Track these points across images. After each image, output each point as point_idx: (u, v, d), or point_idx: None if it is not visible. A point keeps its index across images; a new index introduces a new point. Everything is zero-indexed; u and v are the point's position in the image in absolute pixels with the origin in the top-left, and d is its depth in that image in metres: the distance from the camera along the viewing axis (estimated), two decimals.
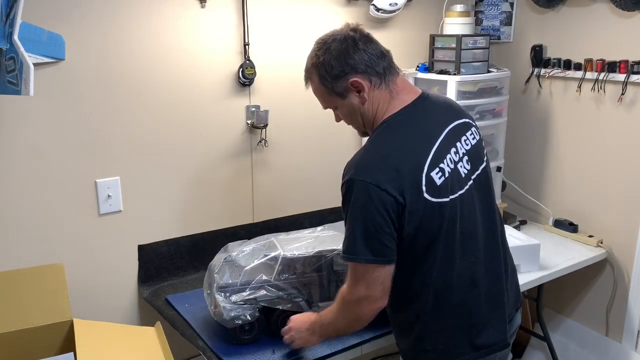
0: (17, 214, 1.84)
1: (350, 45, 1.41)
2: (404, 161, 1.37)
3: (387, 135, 1.42)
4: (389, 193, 1.32)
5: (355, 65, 1.41)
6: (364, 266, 1.38)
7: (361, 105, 1.45)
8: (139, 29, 1.94)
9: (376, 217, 1.33)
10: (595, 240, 2.41)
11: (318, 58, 1.44)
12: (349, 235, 1.37)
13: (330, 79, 1.43)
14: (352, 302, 1.43)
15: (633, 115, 2.24)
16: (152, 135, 2.04)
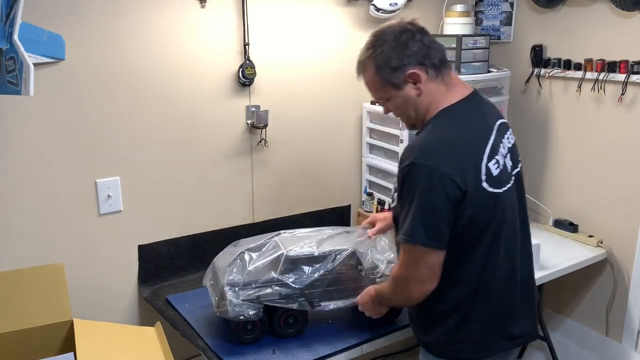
0: (17, 213, 1.84)
1: (408, 37, 1.43)
2: (465, 149, 1.40)
3: (448, 123, 1.45)
4: (452, 179, 1.35)
5: (413, 57, 1.43)
6: (417, 249, 1.39)
7: (416, 97, 1.46)
8: (139, 29, 1.94)
9: (436, 201, 1.35)
10: (595, 240, 2.40)
11: (375, 49, 1.45)
12: (408, 217, 1.38)
13: (388, 70, 1.44)
14: (401, 281, 1.46)
15: (633, 115, 2.24)
16: (152, 135, 2.04)
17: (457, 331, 1.50)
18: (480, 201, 1.39)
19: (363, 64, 1.50)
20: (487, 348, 1.51)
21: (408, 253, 1.42)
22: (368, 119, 2.48)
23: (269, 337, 1.71)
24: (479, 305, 1.48)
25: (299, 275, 1.67)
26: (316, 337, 1.73)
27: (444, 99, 1.46)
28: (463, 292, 1.47)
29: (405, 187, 1.39)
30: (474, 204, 1.38)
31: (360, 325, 1.80)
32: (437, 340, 1.54)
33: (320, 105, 2.41)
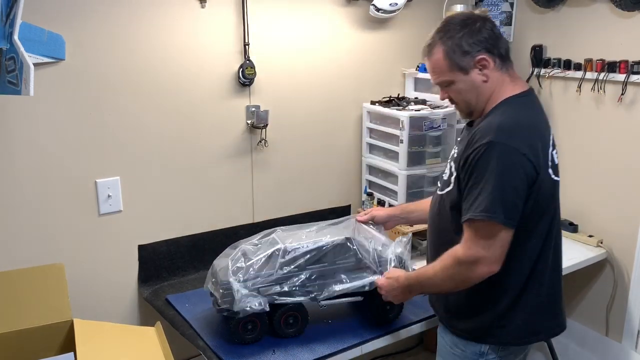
0: (17, 213, 1.84)
1: (480, 24, 1.48)
2: (537, 133, 1.47)
3: (518, 109, 1.49)
4: (529, 158, 1.40)
5: (483, 44, 1.47)
6: (495, 227, 1.40)
7: (481, 83, 1.50)
8: (139, 29, 1.94)
9: (516, 180, 1.39)
10: (595, 240, 2.40)
11: (447, 32, 1.49)
12: (484, 194, 1.39)
13: (458, 54, 1.47)
14: (468, 262, 1.45)
15: (633, 115, 2.24)
16: (152, 135, 2.04)
17: (503, 317, 1.53)
18: (545, 186, 1.45)
19: (432, 46, 1.52)
20: (529, 335, 1.57)
21: (483, 231, 1.42)
22: (368, 119, 2.48)
23: (269, 337, 1.71)
24: (529, 291, 1.52)
25: (298, 267, 1.67)
26: (316, 337, 1.73)
27: (507, 89, 1.51)
28: (517, 277, 1.51)
29: (480, 165, 1.41)
30: (541, 188, 1.44)
31: (360, 325, 1.80)
32: (480, 327, 1.56)
33: (320, 105, 2.41)
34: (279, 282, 1.65)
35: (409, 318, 1.84)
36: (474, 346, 1.58)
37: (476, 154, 1.42)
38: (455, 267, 1.48)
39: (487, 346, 1.56)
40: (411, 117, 2.25)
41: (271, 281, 1.64)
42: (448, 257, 1.50)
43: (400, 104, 2.39)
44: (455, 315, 1.62)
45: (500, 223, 1.40)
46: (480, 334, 1.57)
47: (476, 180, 1.42)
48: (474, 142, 1.44)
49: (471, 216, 1.42)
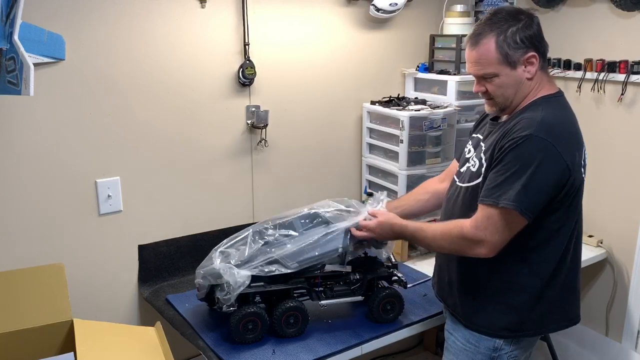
0: (17, 213, 1.84)
1: (531, 20, 1.49)
2: (576, 133, 1.50)
3: (558, 107, 1.52)
4: (565, 160, 1.41)
5: (534, 40, 1.48)
6: (514, 216, 1.42)
7: (525, 80, 1.51)
8: (139, 29, 1.94)
9: (546, 176, 1.41)
10: (595, 240, 2.41)
11: (499, 23, 1.47)
12: (514, 184, 1.41)
13: (512, 47, 1.46)
14: (472, 241, 1.47)
15: (633, 115, 2.24)
16: (152, 135, 2.04)
17: (523, 311, 1.54)
18: (577, 185, 1.47)
19: (481, 35, 1.49)
20: (543, 327, 1.60)
21: (499, 217, 1.43)
22: (368, 119, 2.48)
23: (269, 337, 1.71)
24: (550, 286, 1.54)
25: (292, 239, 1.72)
26: (316, 337, 1.73)
27: (544, 88, 1.53)
28: (542, 273, 1.52)
29: (516, 154, 1.42)
30: (574, 185, 1.46)
31: (360, 325, 1.80)
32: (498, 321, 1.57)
33: (320, 105, 2.41)
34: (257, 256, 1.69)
35: (409, 318, 1.84)
36: (488, 341, 1.58)
37: (514, 143, 1.42)
38: (458, 239, 1.50)
39: (501, 341, 1.57)
40: (411, 117, 2.25)
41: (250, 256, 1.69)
42: (454, 227, 1.52)
43: (400, 104, 2.39)
44: (473, 309, 1.62)
45: (521, 214, 1.41)
46: (497, 329, 1.58)
47: (507, 168, 1.43)
48: (512, 132, 1.45)
49: (493, 202, 1.43)
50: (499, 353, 1.59)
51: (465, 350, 1.63)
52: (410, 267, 2.21)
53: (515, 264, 1.53)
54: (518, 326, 1.57)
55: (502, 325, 1.57)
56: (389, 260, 1.90)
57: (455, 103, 2.36)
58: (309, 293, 1.78)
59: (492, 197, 1.44)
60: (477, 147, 1.61)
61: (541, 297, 1.55)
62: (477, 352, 1.61)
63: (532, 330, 1.58)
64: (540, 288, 1.54)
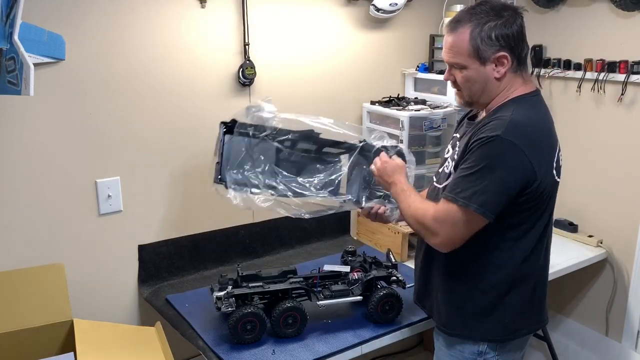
0: (17, 214, 1.84)
1: (514, 18, 1.45)
2: (548, 136, 1.48)
3: (531, 109, 1.49)
4: (530, 162, 1.40)
5: (510, 40, 1.44)
6: (475, 217, 1.42)
7: (493, 79, 1.48)
8: (139, 29, 1.94)
9: (509, 178, 1.40)
10: (595, 240, 2.40)
11: (479, 15, 1.45)
12: (476, 184, 1.40)
13: (484, 42, 1.44)
14: (428, 229, 1.49)
15: (633, 115, 2.24)
16: (152, 135, 2.04)
17: (494, 313, 1.53)
18: (546, 188, 1.46)
19: (459, 24, 1.47)
20: (514, 332, 1.57)
21: (459, 215, 1.43)
22: (368, 119, 2.48)
23: (269, 337, 1.71)
24: (520, 287, 1.53)
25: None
26: (316, 337, 1.73)
27: (518, 89, 1.50)
28: (510, 273, 1.51)
29: (481, 153, 1.41)
30: (540, 189, 1.44)
31: (360, 325, 1.80)
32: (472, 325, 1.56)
33: (320, 105, 2.41)
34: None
35: (409, 318, 1.84)
36: (471, 346, 1.57)
37: (480, 143, 1.41)
38: (420, 223, 1.51)
39: (484, 345, 1.56)
40: (411, 117, 2.25)
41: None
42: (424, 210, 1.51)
43: (400, 104, 2.39)
44: (447, 314, 1.61)
45: (482, 215, 1.41)
46: (474, 333, 1.57)
47: (471, 166, 1.42)
48: (482, 132, 1.43)
49: (452, 198, 1.43)
50: (484, 357, 1.57)
51: (450, 355, 1.62)
52: (410, 267, 2.21)
53: (481, 266, 1.52)
54: (491, 330, 1.55)
55: (478, 329, 1.56)
56: (388, 261, 1.90)
57: (455, 103, 2.36)
58: (308, 293, 1.78)
59: (452, 193, 1.44)
60: (454, 147, 1.61)
61: (510, 299, 1.53)
62: (463, 358, 1.59)
63: (507, 334, 1.56)
64: (508, 290, 1.52)
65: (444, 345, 1.64)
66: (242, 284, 1.73)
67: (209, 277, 2.11)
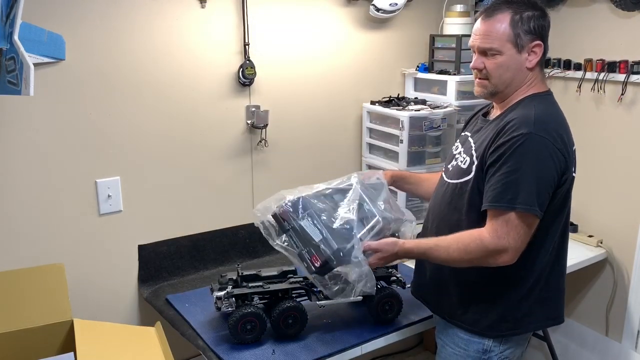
0: (17, 214, 1.84)
1: (548, 17, 1.52)
2: (568, 132, 1.50)
3: (552, 105, 1.54)
4: (563, 154, 1.44)
5: (545, 34, 1.50)
6: (530, 218, 1.42)
7: (524, 68, 1.51)
8: (139, 29, 1.94)
9: (551, 172, 1.41)
10: (595, 240, 2.41)
11: (520, 6, 1.48)
12: (522, 186, 1.40)
13: (525, 29, 1.47)
14: (494, 250, 1.44)
15: (633, 115, 2.24)
16: (152, 135, 2.04)
17: (512, 310, 1.54)
18: (569, 182, 1.48)
19: (497, 11, 1.48)
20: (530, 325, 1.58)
21: (516, 221, 1.41)
22: (368, 119, 2.49)
23: (269, 337, 1.71)
24: (540, 284, 1.54)
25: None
26: (316, 337, 1.73)
27: (538, 85, 1.54)
28: (534, 271, 1.52)
29: (517, 155, 1.41)
30: (567, 184, 1.47)
31: (360, 325, 1.80)
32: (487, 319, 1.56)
33: (320, 105, 2.41)
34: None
35: (409, 318, 1.84)
36: (477, 344, 1.57)
37: (513, 144, 1.41)
38: (480, 253, 1.45)
39: (490, 342, 1.56)
40: (411, 117, 2.25)
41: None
42: (471, 240, 1.46)
43: (400, 104, 2.39)
44: (462, 308, 1.60)
45: (536, 216, 1.42)
46: (485, 328, 1.57)
47: (511, 169, 1.41)
48: (508, 131, 1.43)
49: (508, 206, 1.41)
50: (488, 355, 1.57)
51: (455, 354, 1.62)
52: (409, 267, 2.21)
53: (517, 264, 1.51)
54: (505, 326, 1.55)
55: (491, 324, 1.56)
56: None
57: (455, 103, 2.37)
58: (308, 293, 1.78)
59: (504, 201, 1.41)
60: (465, 143, 1.60)
61: (530, 296, 1.54)
62: (467, 356, 1.59)
63: (517, 328, 1.56)
64: (531, 287, 1.53)
65: (449, 345, 1.63)
66: (242, 284, 1.73)
67: (209, 277, 2.11)
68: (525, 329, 1.59)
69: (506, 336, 1.57)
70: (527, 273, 1.53)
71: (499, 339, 1.57)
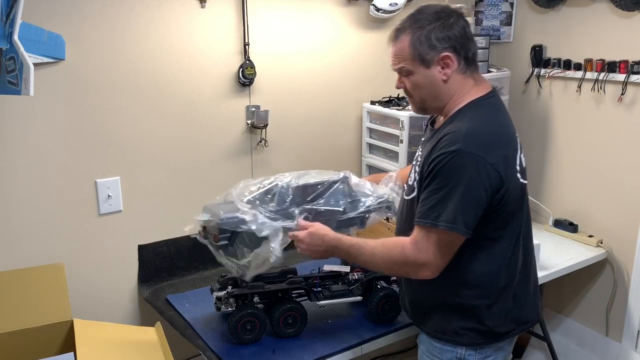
0: (17, 213, 1.84)
1: (454, 20, 1.44)
2: (507, 139, 1.44)
3: (488, 113, 1.46)
4: (496, 169, 1.37)
5: (452, 41, 1.43)
6: (454, 236, 1.39)
7: (440, 82, 1.46)
8: (138, 29, 1.94)
9: (480, 191, 1.37)
10: (595, 240, 2.40)
11: (420, 22, 1.45)
12: (448, 204, 1.37)
13: (425, 46, 1.43)
14: (414, 263, 1.42)
15: (633, 115, 2.24)
16: (152, 135, 2.04)
17: (479, 320, 1.50)
18: (514, 192, 1.43)
19: (400, 31, 1.47)
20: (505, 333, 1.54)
21: (439, 239, 1.39)
22: (368, 119, 2.48)
23: (269, 337, 1.71)
24: (502, 293, 1.50)
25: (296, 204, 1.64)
26: (316, 337, 1.73)
27: (471, 92, 1.48)
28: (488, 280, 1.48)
29: (446, 172, 1.38)
30: (508, 195, 1.42)
31: (360, 325, 1.80)
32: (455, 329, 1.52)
33: (320, 105, 2.41)
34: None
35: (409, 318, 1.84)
36: (450, 352, 1.53)
37: (442, 160, 1.38)
38: (401, 263, 1.45)
39: (463, 350, 1.52)
40: (411, 117, 2.25)
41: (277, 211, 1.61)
42: (394, 247, 1.46)
43: (400, 103, 2.39)
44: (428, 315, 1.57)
45: (461, 234, 1.38)
46: (453, 335, 1.52)
47: (439, 187, 1.38)
48: (440, 147, 1.40)
49: (431, 223, 1.38)
50: None
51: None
52: None
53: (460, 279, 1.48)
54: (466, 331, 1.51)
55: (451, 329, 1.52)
56: None
57: None
58: (308, 293, 1.78)
59: (430, 218, 1.39)
60: (417, 155, 1.58)
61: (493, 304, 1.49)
62: None
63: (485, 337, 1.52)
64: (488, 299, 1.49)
65: (425, 353, 1.60)
66: (242, 284, 1.73)
67: (209, 277, 2.11)
68: (497, 339, 1.54)
69: (480, 344, 1.52)
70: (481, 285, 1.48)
71: (473, 347, 1.52)
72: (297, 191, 1.65)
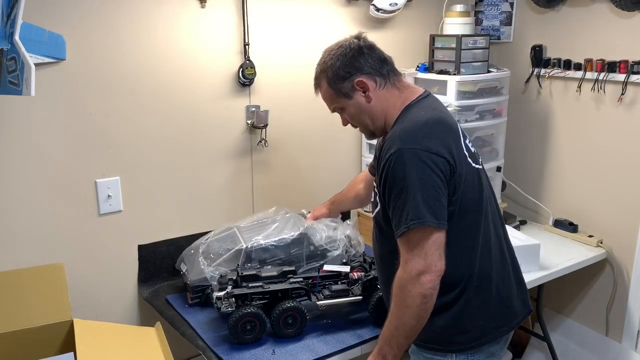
0: (17, 214, 1.84)
1: (355, 51, 1.53)
2: (444, 127, 1.45)
3: (419, 110, 1.49)
4: (440, 155, 1.38)
5: (361, 67, 1.52)
6: (427, 231, 1.36)
7: (368, 104, 1.52)
8: (139, 29, 1.94)
9: (434, 178, 1.37)
10: (595, 240, 2.41)
11: (325, 63, 1.56)
12: (408, 203, 1.36)
13: (338, 81, 1.53)
14: (411, 279, 1.37)
15: (633, 115, 2.24)
16: (152, 135, 2.04)
17: (461, 320, 1.48)
18: (467, 176, 1.43)
19: (318, 79, 1.59)
20: (493, 332, 1.52)
21: (416, 239, 1.36)
22: None
23: (269, 337, 1.72)
24: (483, 289, 1.48)
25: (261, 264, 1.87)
26: (316, 337, 1.73)
27: (400, 100, 1.52)
28: (465, 278, 1.46)
29: (395, 175, 1.38)
30: (463, 178, 1.42)
31: (360, 325, 1.80)
32: (440, 335, 1.50)
33: (320, 105, 2.39)
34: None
35: None
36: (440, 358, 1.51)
37: (388, 165, 1.39)
38: (403, 291, 1.39)
39: (453, 355, 1.50)
40: None
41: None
42: (396, 291, 1.41)
43: None
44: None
45: (433, 226, 1.35)
46: (442, 342, 1.51)
47: (397, 192, 1.38)
48: (383, 154, 1.42)
49: (403, 229, 1.37)
50: None
51: None
52: None
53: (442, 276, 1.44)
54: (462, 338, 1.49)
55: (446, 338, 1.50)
56: None
57: (455, 103, 2.36)
58: (308, 293, 1.78)
59: (402, 225, 1.37)
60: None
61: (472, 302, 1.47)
62: None
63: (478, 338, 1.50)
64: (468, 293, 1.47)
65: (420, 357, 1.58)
66: (242, 284, 1.73)
67: None
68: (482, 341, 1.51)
69: (471, 348, 1.50)
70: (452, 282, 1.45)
71: (463, 353, 1.50)
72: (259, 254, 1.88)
